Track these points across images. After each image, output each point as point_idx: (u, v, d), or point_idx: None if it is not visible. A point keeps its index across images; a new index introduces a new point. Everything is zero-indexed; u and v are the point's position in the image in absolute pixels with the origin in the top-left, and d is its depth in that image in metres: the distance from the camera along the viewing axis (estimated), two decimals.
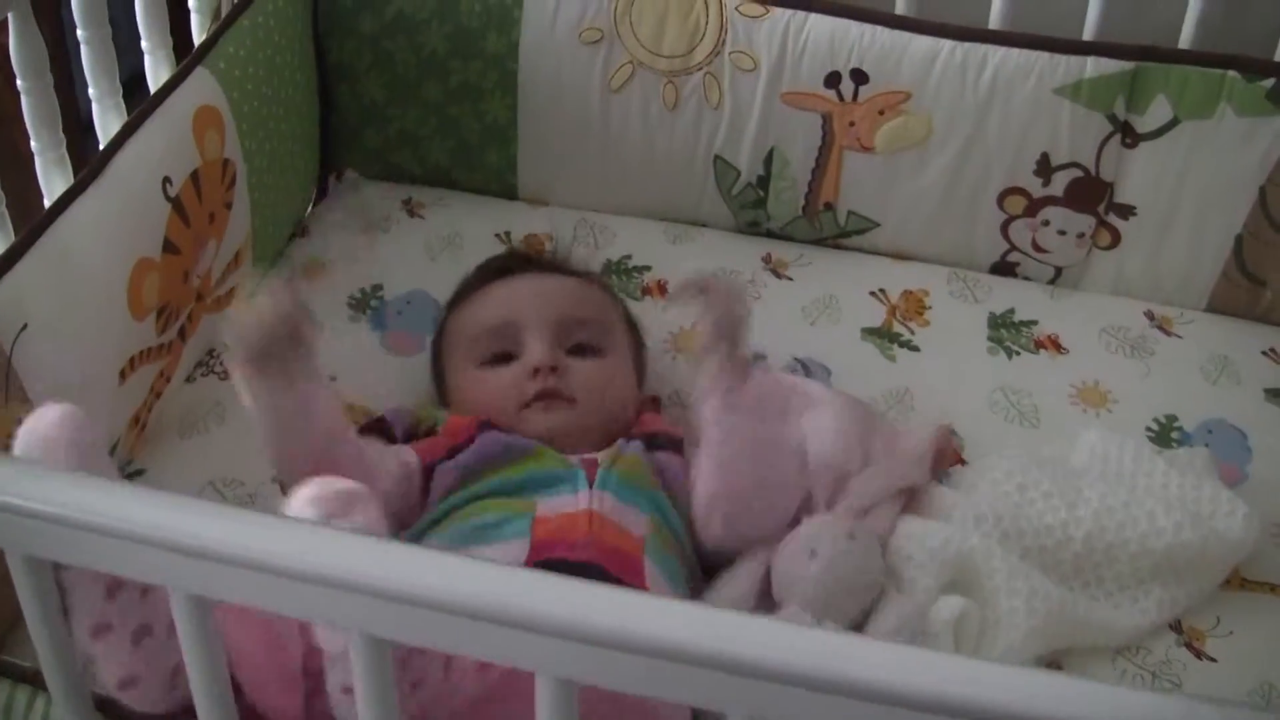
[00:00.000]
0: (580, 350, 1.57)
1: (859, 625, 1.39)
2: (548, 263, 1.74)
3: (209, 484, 1.59)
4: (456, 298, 1.69)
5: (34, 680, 1.04)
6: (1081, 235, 1.86)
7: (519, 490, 1.43)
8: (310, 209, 2.02)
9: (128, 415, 1.59)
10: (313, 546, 0.83)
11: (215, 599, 0.89)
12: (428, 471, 1.48)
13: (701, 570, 1.47)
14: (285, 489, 1.31)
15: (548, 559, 1.33)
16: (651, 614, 0.78)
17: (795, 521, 1.47)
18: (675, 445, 1.52)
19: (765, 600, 1.42)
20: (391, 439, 1.53)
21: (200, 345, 1.74)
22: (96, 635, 1.06)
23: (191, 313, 1.67)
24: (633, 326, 1.69)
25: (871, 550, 1.42)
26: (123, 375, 1.55)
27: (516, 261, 1.72)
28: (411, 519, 1.46)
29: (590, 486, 1.42)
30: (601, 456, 1.47)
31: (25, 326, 1.38)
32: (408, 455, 1.49)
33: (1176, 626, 1.50)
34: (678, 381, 1.73)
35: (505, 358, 1.57)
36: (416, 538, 1.43)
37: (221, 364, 1.74)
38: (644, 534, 1.40)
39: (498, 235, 1.95)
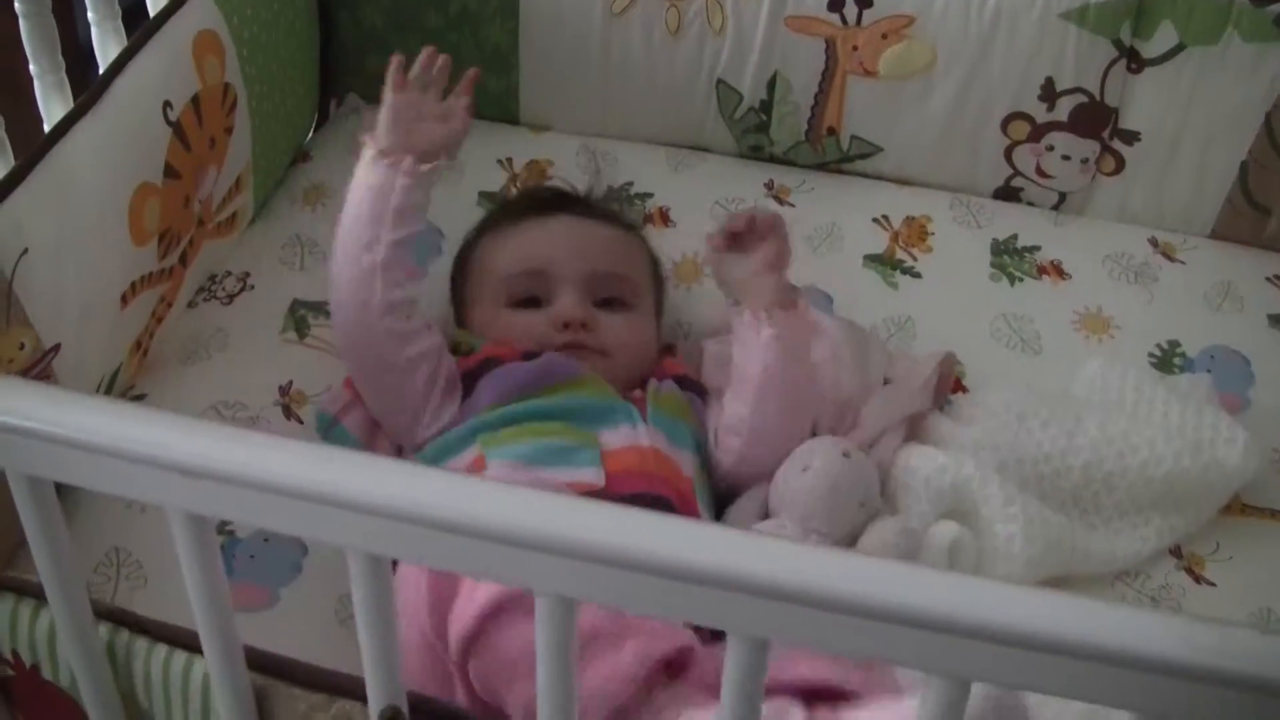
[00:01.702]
0: (609, 303, 1.57)
1: (849, 543, 1.39)
2: (581, 205, 1.71)
3: (211, 408, 1.59)
4: (491, 225, 1.68)
5: (39, 594, 1.05)
6: (1086, 161, 1.85)
7: (577, 416, 1.43)
8: (311, 134, 2.01)
9: (129, 340, 1.59)
10: (310, 464, 0.83)
11: (213, 518, 0.90)
12: (466, 380, 1.48)
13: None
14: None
15: (627, 493, 1.34)
16: (645, 531, 0.78)
17: None
18: (696, 387, 1.54)
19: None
20: None
21: (202, 271, 1.74)
22: None
23: (193, 238, 1.67)
24: (660, 276, 1.68)
25: (865, 470, 1.42)
26: (124, 300, 1.54)
27: (554, 199, 1.71)
28: (421, 416, 1.47)
29: (644, 421, 1.44)
30: (643, 394, 1.49)
31: (26, 251, 1.37)
32: (449, 358, 1.51)
33: (1176, 552, 1.50)
34: (678, 310, 1.73)
35: (534, 301, 1.57)
36: (465, 441, 1.43)
37: (224, 289, 1.74)
38: (692, 472, 1.43)
39: (499, 161, 1.94)
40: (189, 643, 1.05)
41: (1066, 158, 1.85)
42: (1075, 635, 0.75)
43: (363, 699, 1.01)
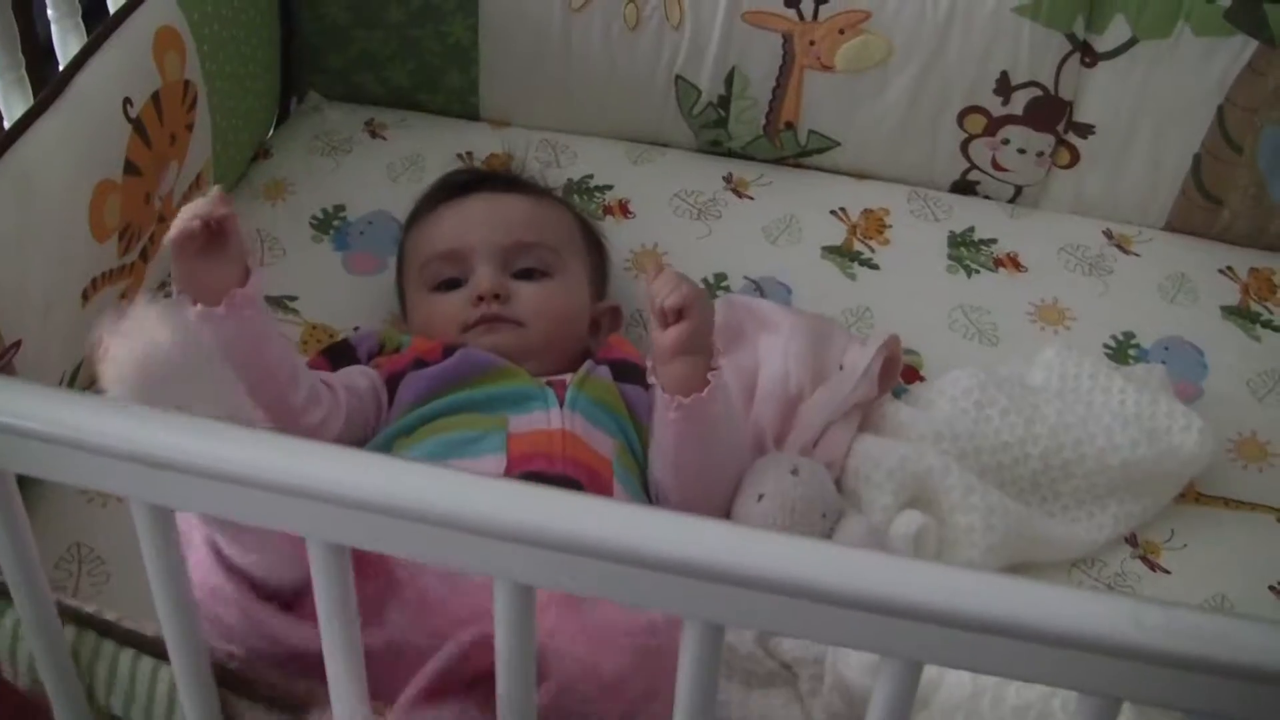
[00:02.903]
0: (529, 274, 1.58)
1: None
2: (502, 180, 1.73)
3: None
4: (411, 218, 1.70)
5: (2, 592, 1.05)
6: (1041, 154, 1.87)
7: (489, 406, 1.43)
8: (272, 131, 2.01)
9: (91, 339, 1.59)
10: (269, 454, 0.83)
11: (174, 508, 0.90)
12: (391, 383, 1.49)
13: None
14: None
15: (526, 472, 1.34)
16: (618, 519, 0.79)
17: None
18: (640, 374, 1.53)
19: None
20: (353, 362, 1.54)
21: (163, 267, 1.73)
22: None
23: (154, 234, 1.67)
24: (593, 240, 1.69)
25: (817, 480, 1.41)
26: (85, 296, 1.54)
27: (470, 180, 1.72)
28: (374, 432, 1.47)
29: (561, 406, 1.43)
30: (570, 378, 1.48)
31: None
32: (369, 372, 1.50)
33: (1132, 540, 1.52)
34: (639, 301, 1.74)
35: (455, 283, 1.58)
36: (383, 447, 1.43)
37: None
38: (612, 456, 1.41)
39: (459, 155, 1.94)
40: (155, 649, 1.04)
41: (1022, 151, 1.87)
42: (1025, 618, 0.75)
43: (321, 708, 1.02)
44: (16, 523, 0.95)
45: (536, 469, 1.35)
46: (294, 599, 1.09)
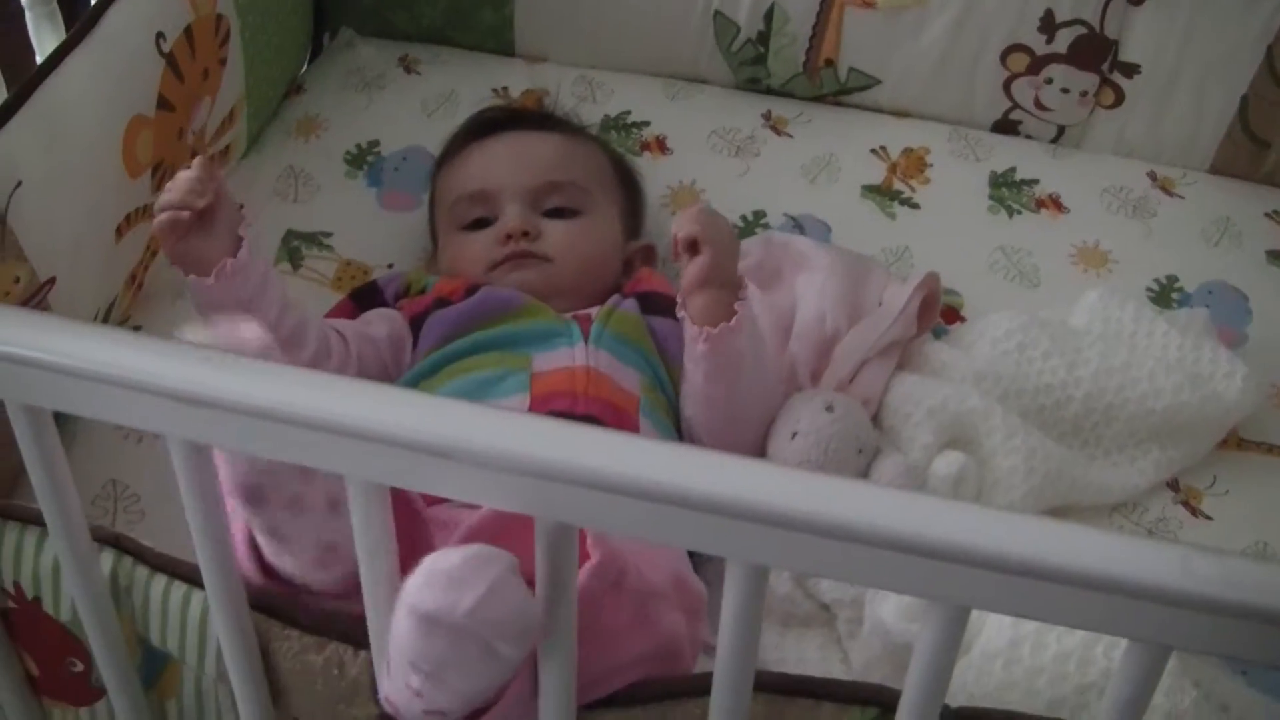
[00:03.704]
0: (559, 213, 1.56)
1: None
2: (532, 118, 1.71)
3: None
4: (441, 158, 1.69)
5: (43, 523, 1.05)
6: (1084, 94, 1.84)
7: (513, 344, 1.42)
8: (305, 67, 1.99)
9: (124, 273, 1.58)
10: (305, 391, 0.82)
11: (210, 445, 0.89)
12: (414, 325, 1.48)
13: None
14: None
15: (548, 411, 1.33)
16: (660, 459, 0.78)
17: None
18: (670, 307, 1.51)
19: None
20: (379, 304, 1.54)
21: None
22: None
23: None
24: (626, 178, 1.68)
25: (853, 416, 1.40)
26: (119, 233, 1.54)
27: (500, 118, 1.70)
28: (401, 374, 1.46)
29: (585, 342, 1.42)
30: (596, 313, 1.47)
31: (20, 184, 1.37)
32: (391, 315, 1.50)
33: (1174, 485, 1.50)
34: None
35: (484, 222, 1.57)
36: (410, 385, 1.42)
37: None
38: (638, 393, 1.40)
39: (495, 91, 1.93)
40: (187, 575, 1.05)
41: (1065, 90, 1.84)
42: (1077, 564, 0.75)
43: (355, 644, 1.02)
44: (53, 458, 0.96)
45: (560, 409, 1.34)
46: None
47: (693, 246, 1.35)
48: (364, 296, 1.56)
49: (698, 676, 1.00)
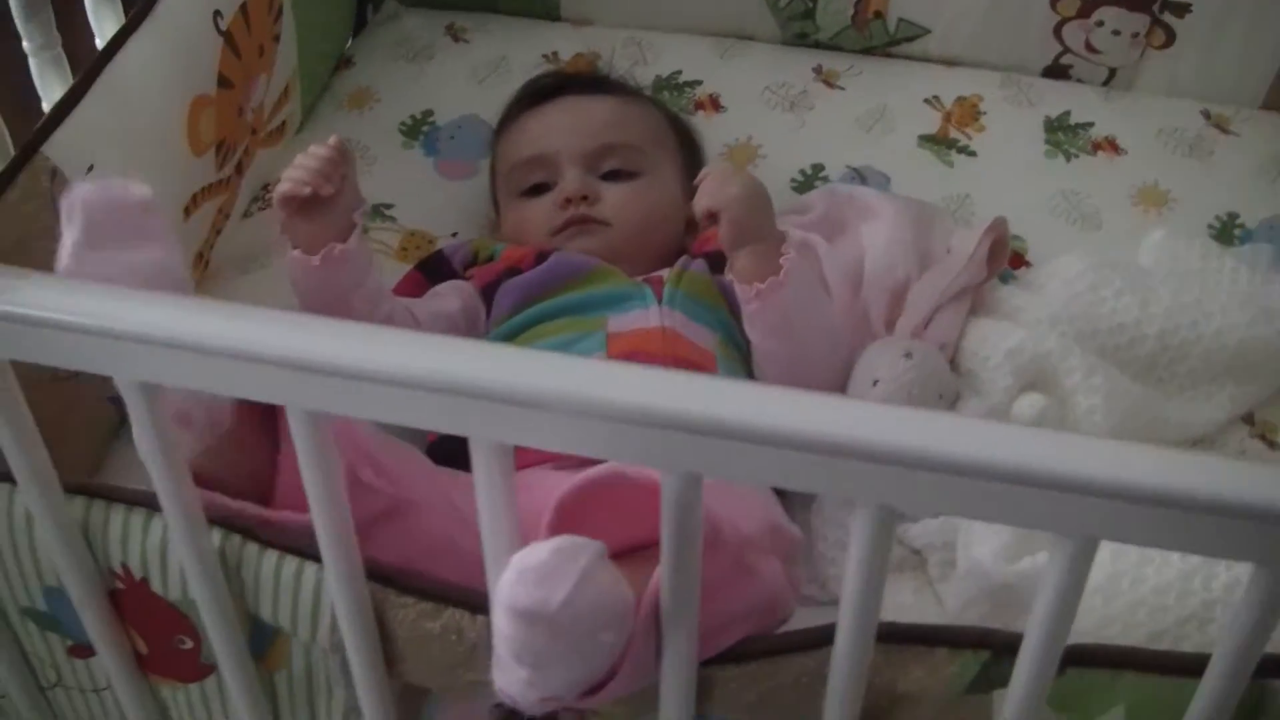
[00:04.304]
0: (616, 175, 1.56)
1: None
2: (587, 82, 1.71)
3: None
4: (499, 126, 1.69)
5: (148, 504, 1.05)
6: (1136, 35, 1.84)
7: (587, 308, 1.43)
8: (351, 40, 1.99)
9: (192, 253, 1.60)
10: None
11: (331, 412, 0.90)
12: (486, 294, 1.49)
13: None
14: None
15: None
16: (788, 405, 0.79)
17: None
18: None
19: None
20: (448, 273, 1.55)
21: (255, 180, 1.74)
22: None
23: (247, 147, 1.67)
24: (684, 137, 1.68)
25: (933, 362, 1.41)
26: (187, 212, 1.55)
27: (554, 84, 1.70)
28: None
29: (659, 303, 1.43)
30: (667, 275, 1.47)
31: (91, 167, 1.38)
32: (462, 286, 1.51)
33: (1249, 419, 1.51)
34: None
35: (543, 188, 1.57)
36: None
37: None
38: (714, 351, 1.41)
39: (545, 56, 1.93)
40: (299, 550, 1.05)
41: (1116, 32, 1.84)
42: (1206, 491, 0.75)
43: (472, 609, 1.02)
44: (163, 430, 0.95)
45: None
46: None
47: (714, 215, 1.36)
48: (431, 267, 1.57)
49: (809, 630, 1.00)
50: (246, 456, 1.12)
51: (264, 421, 1.13)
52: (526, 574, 0.85)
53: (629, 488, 0.97)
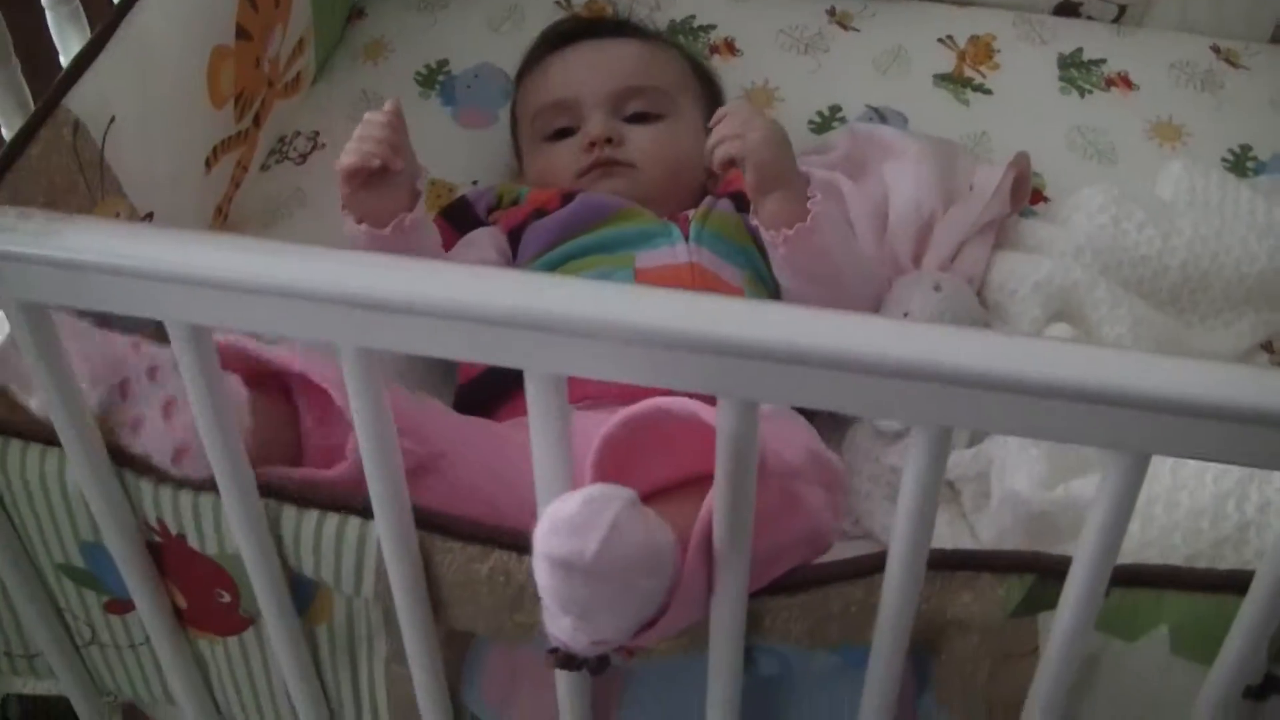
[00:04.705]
0: (641, 118, 1.57)
1: None
2: (608, 27, 1.71)
3: None
4: (520, 73, 1.69)
5: None
6: None
7: (615, 246, 1.43)
8: None
9: (213, 205, 1.60)
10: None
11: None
12: (513, 237, 1.49)
13: None
14: None
15: None
16: (844, 328, 0.80)
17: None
18: None
19: None
20: (473, 219, 1.55)
21: (273, 132, 1.74)
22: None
23: (264, 99, 1.67)
24: (706, 81, 1.68)
25: (962, 294, 1.42)
26: (208, 165, 1.55)
27: (575, 28, 1.70)
28: None
29: (686, 241, 1.43)
30: (693, 213, 1.48)
31: (114, 119, 1.37)
32: (493, 233, 1.50)
33: (1268, 347, 1.52)
34: None
35: (567, 132, 1.57)
36: None
37: (295, 149, 1.75)
38: (744, 288, 1.41)
39: (558, 3, 1.93)
40: (338, 506, 1.05)
41: None
42: (1256, 402, 0.76)
43: (518, 549, 1.01)
44: (213, 377, 0.95)
45: None
46: None
47: (731, 162, 1.36)
48: (455, 214, 1.57)
49: (858, 559, 1.01)
50: (274, 429, 1.12)
51: (284, 393, 1.13)
52: (559, 525, 0.85)
53: (672, 423, 0.96)
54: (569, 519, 0.85)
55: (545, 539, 0.85)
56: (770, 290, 1.45)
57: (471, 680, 1.14)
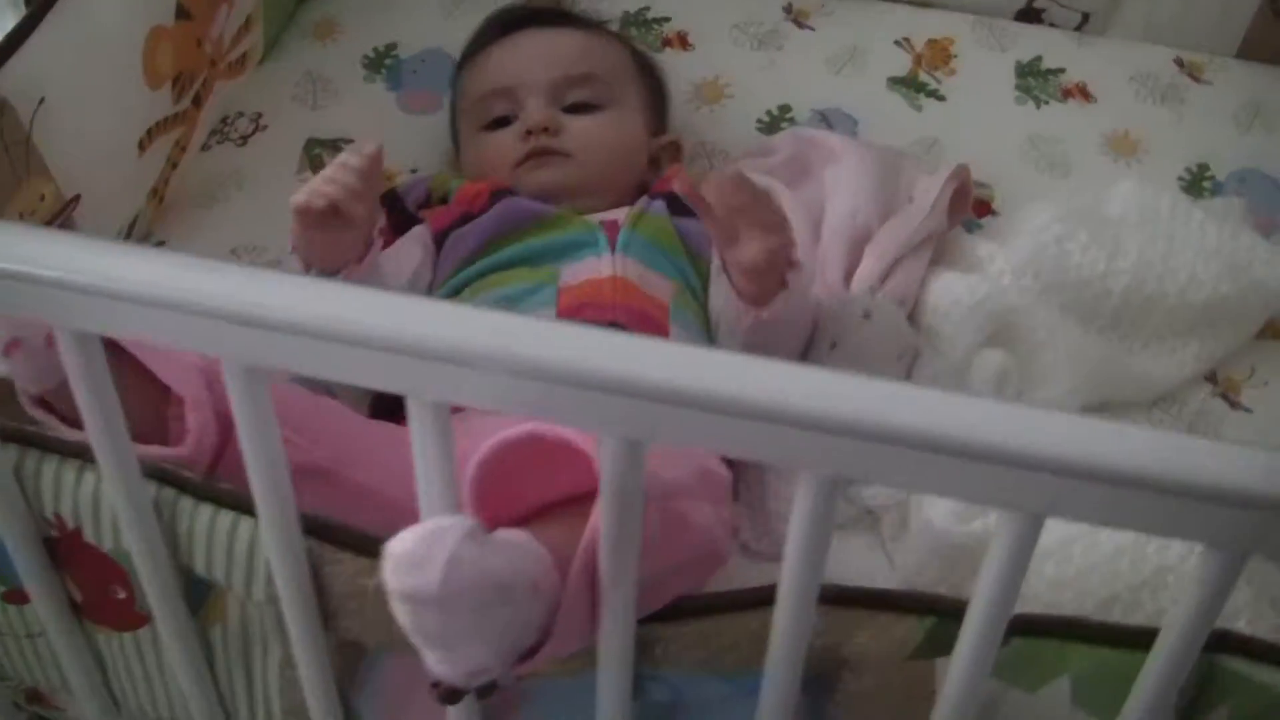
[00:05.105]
0: (581, 108, 1.54)
1: None
2: (552, 16, 1.69)
3: (231, 252, 1.58)
4: (461, 60, 1.67)
5: (79, 455, 1.03)
6: None
7: (541, 258, 1.41)
8: None
9: (147, 187, 1.58)
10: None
11: (271, 369, 0.88)
12: (439, 239, 1.47)
13: None
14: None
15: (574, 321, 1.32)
16: (731, 371, 0.77)
17: None
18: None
19: None
20: (404, 212, 1.53)
21: (215, 113, 1.72)
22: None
23: (206, 80, 1.64)
24: (649, 73, 1.65)
25: (892, 322, 1.39)
26: (141, 146, 1.53)
27: (519, 16, 1.67)
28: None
29: (613, 250, 1.41)
30: (623, 217, 1.45)
31: (43, 100, 1.35)
32: (423, 232, 1.48)
33: (1211, 378, 1.50)
34: (702, 132, 1.71)
35: (506, 120, 1.55)
36: None
37: (237, 130, 1.72)
38: (668, 299, 1.39)
39: None
40: (234, 503, 1.03)
41: None
42: (1159, 470, 0.74)
43: None
44: (100, 381, 0.93)
45: (588, 318, 1.33)
46: None
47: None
48: (385, 204, 1.53)
49: (751, 591, 0.99)
50: (140, 403, 1.09)
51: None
52: (400, 562, 0.83)
53: (546, 446, 0.94)
54: (408, 555, 0.83)
55: (390, 576, 0.84)
56: (699, 301, 1.42)
57: (367, 688, 1.13)
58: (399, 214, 1.52)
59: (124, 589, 1.12)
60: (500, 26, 1.65)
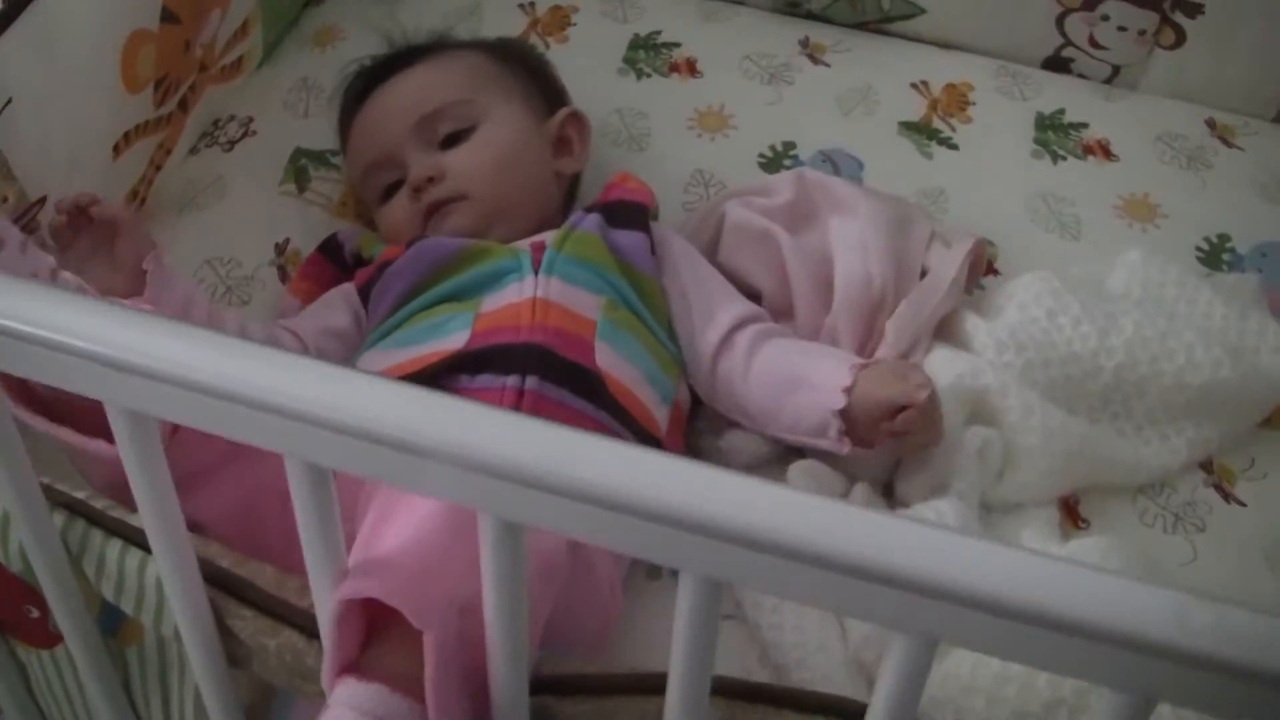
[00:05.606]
0: (454, 139, 1.50)
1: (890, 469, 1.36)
2: (392, 63, 1.60)
3: (205, 263, 1.55)
4: (340, 142, 1.63)
5: None
6: (1143, 32, 1.74)
7: (465, 292, 1.37)
8: None
9: (124, 191, 1.55)
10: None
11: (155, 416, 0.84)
12: (364, 294, 1.44)
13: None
14: None
15: (487, 345, 1.29)
16: (605, 461, 0.72)
17: None
18: (640, 215, 1.46)
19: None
20: (340, 259, 1.52)
21: (204, 116, 1.68)
22: None
23: (194, 83, 1.60)
24: (515, 60, 1.60)
25: None
26: (117, 150, 1.50)
27: (360, 86, 1.61)
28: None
29: (536, 272, 1.36)
30: (551, 238, 1.41)
31: (10, 101, 1.32)
32: (348, 291, 1.46)
33: (1207, 466, 1.41)
34: (701, 160, 1.66)
35: (397, 185, 1.52)
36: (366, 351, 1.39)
37: (226, 134, 1.69)
38: (595, 316, 1.34)
39: (521, 6, 1.85)
40: (142, 541, 1.00)
41: (1122, 28, 1.73)
42: (1058, 607, 0.67)
43: (309, 634, 0.97)
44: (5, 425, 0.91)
45: (501, 342, 1.29)
46: None
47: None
48: (331, 249, 1.54)
49: (651, 675, 0.94)
50: None
51: None
52: None
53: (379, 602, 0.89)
54: None
55: None
56: (635, 311, 1.38)
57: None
58: (340, 262, 1.51)
59: (38, 608, 1.11)
60: (354, 97, 1.60)
